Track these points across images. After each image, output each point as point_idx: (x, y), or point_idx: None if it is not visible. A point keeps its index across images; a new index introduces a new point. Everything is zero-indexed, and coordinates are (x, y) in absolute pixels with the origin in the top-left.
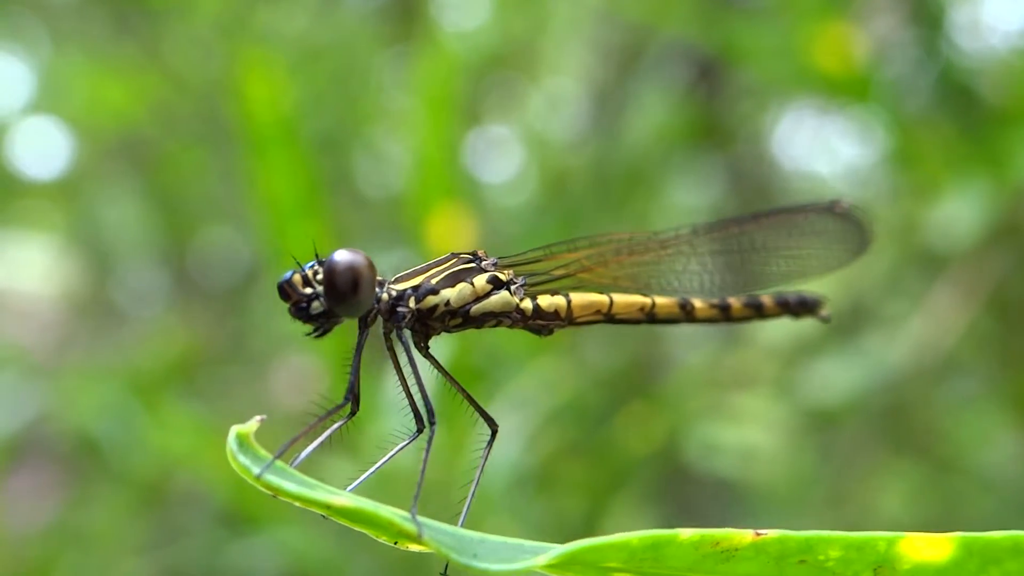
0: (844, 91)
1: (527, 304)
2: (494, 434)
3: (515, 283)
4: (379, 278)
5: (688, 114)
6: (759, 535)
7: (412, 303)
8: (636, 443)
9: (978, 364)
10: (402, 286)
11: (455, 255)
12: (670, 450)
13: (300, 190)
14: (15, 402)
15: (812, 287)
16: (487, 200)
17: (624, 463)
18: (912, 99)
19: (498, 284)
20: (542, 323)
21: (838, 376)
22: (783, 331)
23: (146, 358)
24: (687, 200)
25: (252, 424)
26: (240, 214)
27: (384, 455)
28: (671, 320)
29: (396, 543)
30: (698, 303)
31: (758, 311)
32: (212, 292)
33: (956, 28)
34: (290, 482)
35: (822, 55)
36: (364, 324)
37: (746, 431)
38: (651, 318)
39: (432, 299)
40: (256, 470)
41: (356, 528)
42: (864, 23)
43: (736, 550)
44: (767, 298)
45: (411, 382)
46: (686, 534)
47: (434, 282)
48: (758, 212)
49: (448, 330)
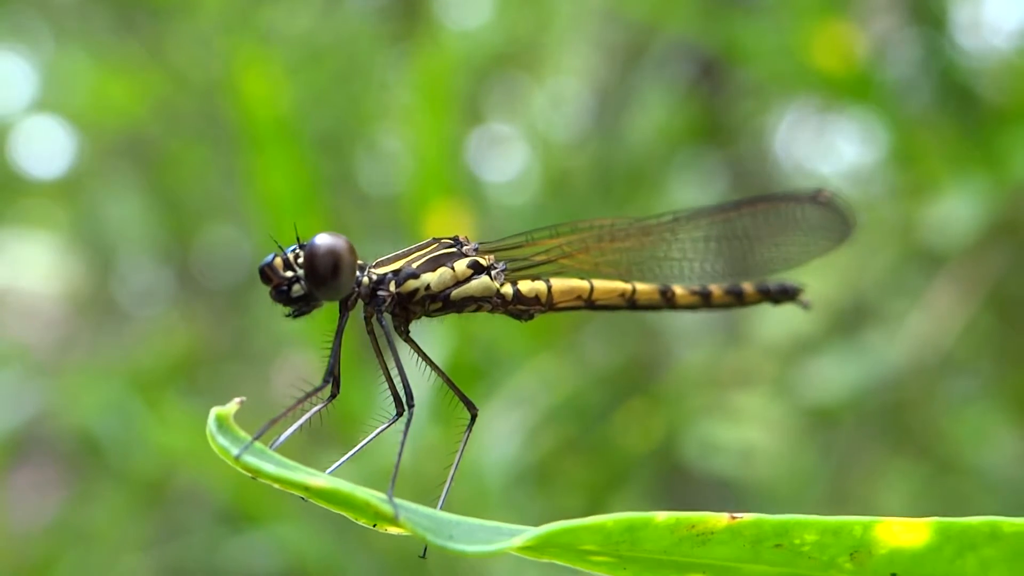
0: (844, 90)
1: (507, 289)
2: (474, 418)
3: (496, 268)
4: (360, 262)
5: (690, 113)
6: (734, 518)
7: (392, 287)
8: (635, 441)
9: (977, 362)
10: (383, 270)
11: (436, 240)
12: (669, 448)
13: (299, 188)
14: (17, 400)
15: (801, 278)
16: (490, 198)
17: (623, 461)
18: (912, 98)
19: (479, 269)
20: (522, 308)
21: (837, 374)
22: (782, 329)
23: (148, 356)
24: (689, 199)
25: (232, 406)
26: (242, 212)
27: (364, 439)
28: (651, 306)
29: (375, 525)
30: (679, 290)
31: (738, 298)
32: (214, 290)
33: (956, 27)
34: (269, 464)
35: (822, 54)
36: (345, 308)
37: (745, 429)
38: (631, 304)
39: (412, 283)
40: (235, 451)
41: (334, 510)
42: (864, 22)
43: (712, 533)
44: (747, 285)
45: (391, 366)
46: (662, 517)
47: (415, 266)
48: (741, 200)
49: (429, 314)
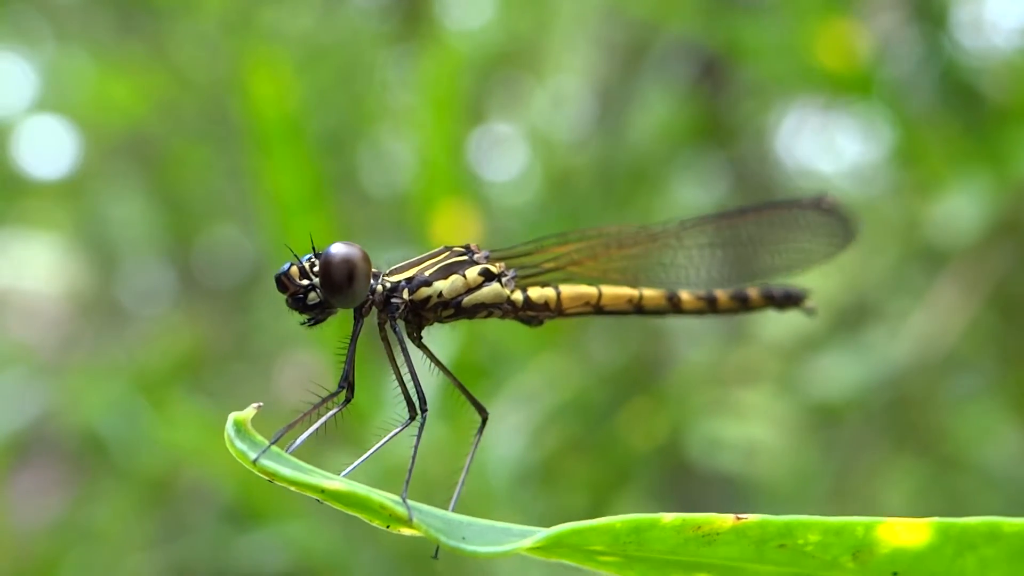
0: (847, 88)
1: (518, 296)
2: (484, 421)
3: (506, 275)
4: (374, 270)
5: (692, 112)
6: (740, 519)
7: (406, 294)
8: (639, 439)
9: (981, 360)
10: (396, 278)
11: (448, 248)
12: (673, 446)
13: (305, 187)
14: (21, 400)
15: (804, 280)
16: (491, 198)
17: (627, 459)
18: (915, 96)
19: (489, 276)
20: (532, 314)
21: (841, 372)
22: (786, 327)
23: (151, 356)
24: (691, 198)
25: (250, 411)
26: (245, 212)
27: (378, 443)
28: (659, 312)
29: (388, 527)
30: (685, 295)
31: (744, 303)
32: (217, 290)
33: (959, 26)
34: (285, 467)
35: (825, 52)
36: (359, 315)
37: (749, 427)
38: (639, 310)
39: (425, 290)
40: (253, 455)
41: (349, 512)
42: (867, 20)
43: (717, 534)
44: (753, 290)
45: (404, 371)
46: (668, 518)
47: (427, 274)
48: (745, 207)
49: (441, 320)
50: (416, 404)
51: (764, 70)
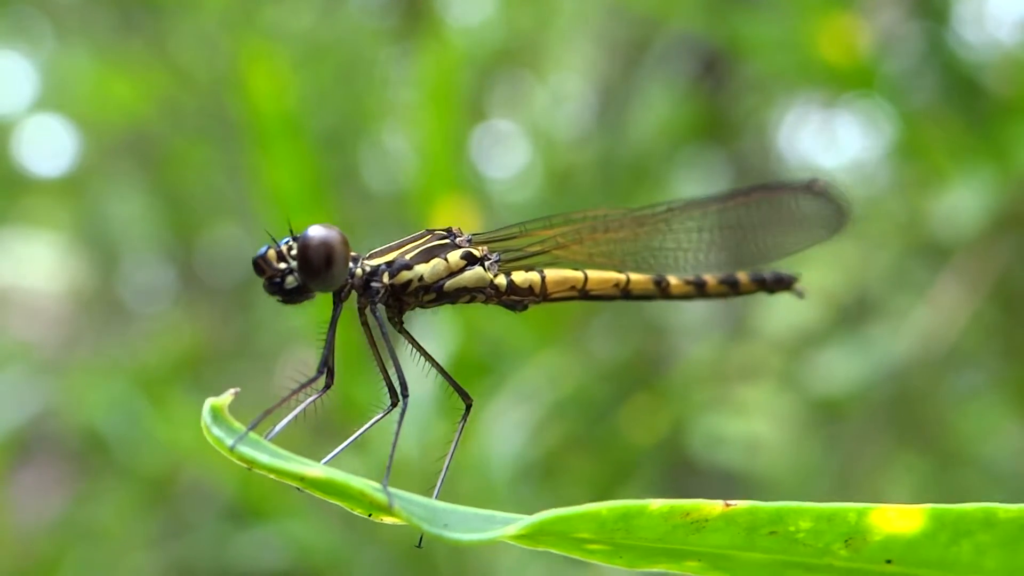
0: (849, 83)
1: (501, 280)
2: (468, 408)
3: (489, 259)
4: (353, 254)
5: (693, 108)
6: (729, 506)
7: (386, 278)
8: (640, 435)
9: (983, 355)
10: (376, 262)
11: (430, 231)
12: (675, 442)
13: (305, 184)
14: (22, 398)
15: (801, 267)
16: (492, 195)
17: (628, 455)
18: (917, 91)
19: (472, 260)
20: (516, 299)
21: (843, 367)
22: (787, 323)
23: (152, 354)
24: (692, 195)
25: (226, 397)
26: (246, 209)
27: (359, 430)
28: (646, 296)
29: (370, 515)
30: (673, 279)
31: (733, 287)
32: (218, 288)
33: (960, 20)
34: (263, 454)
35: (827, 47)
36: (338, 299)
37: (751, 423)
38: (626, 294)
39: (406, 274)
40: (230, 442)
41: (330, 500)
42: (869, 15)
43: (706, 521)
44: (742, 275)
45: (385, 357)
46: (656, 505)
47: (408, 257)
48: (735, 190)
49: (423, 305)
50: (397, 390)
51: (766, 65)
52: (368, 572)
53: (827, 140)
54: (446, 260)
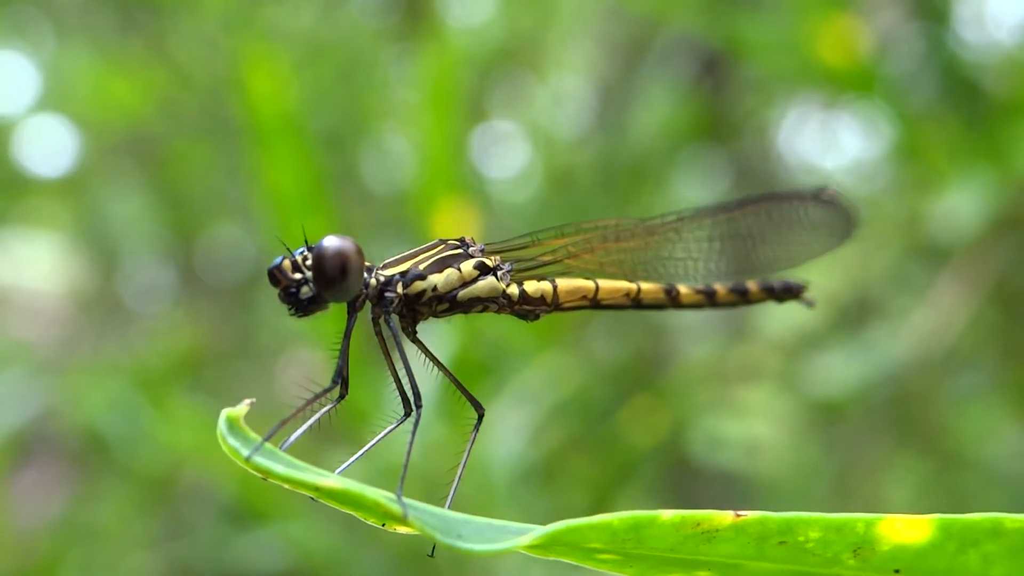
0: (849, 85)
1: (513, 290)
2: (480, 417)
3: (502, 269)
4: (367, 264)
5: (693, 109)
6: (739, 516)
7: (400, 288)
8: (641, 437)
9: (982, 357)
10: (390, 272)
11: (443, 241)
12: (675, 444)
13: (305, 184)
14: (22, 398)
15: (807, 273)
16: (493, 195)
17: (629, 457)
18: (916, 92)
19: (485, 270)
20: (528, 308)
21: (843, 369)
22: (787, 324)
23: (153, 354)
24: (692, 195)
25: (243, 407)
26: (246, 210)
27: (373, 439)
28: (656, 305)
29: (384, 525)
30: (683, 289)
31: (743, 296)
32: (218, 288)
33: (960, 21)
34: (279, 464)
35: (827, 49)
36: (353, 309)
37: (751, 424)
38: (637, 303)
39: (420, 284)
40: (245, 452)
41: (344, 510)
42: (868, 17)
43: (717, 531)
44: (752, 283)
45: (399, 367)
46: (667, 515)
47: (422, 268)
48: (744, 199)
49: (436, 315)
50: (411, 400)
51: (766, 67)
52: (369, 573)
53: (827, 141)
54: (459, 270)
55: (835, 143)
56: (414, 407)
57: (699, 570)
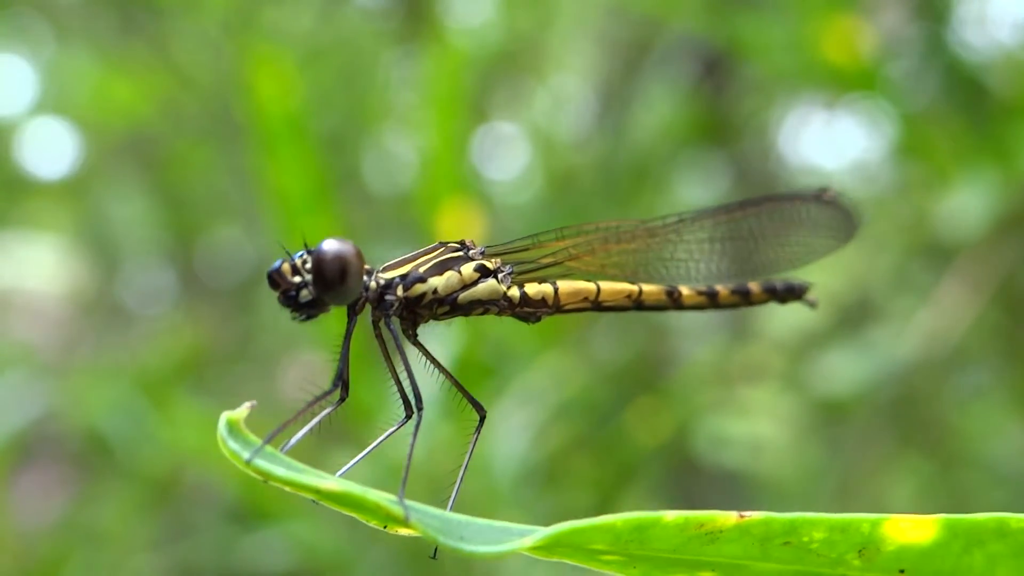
0: (852, 84)
1: (514, 292)
2: (482, 420)
3: (502, 271)
4: (367, 267)
5: (694, 110)
6: (743, 517)
7: (400, 291)
8: (644, 437)
9: (987, 356)
10: (390, 275)
11: (443, 244)
12: (678, 444)
13: (310, 185)
14: (24, 400)
15: (809, 273)
16: (494, 197)
17: (632, 457)
18: (920, 92)
19: (485, 272)
20: (529, 310)
21: (846, 369)
22: (791, 324)
23: (154, 356)
24: (693, 197)
25: (243, 410)
26: (248, 211)
27: (374, 442)
28: (658, 307)
29: (385, 527)
30: (685, 290)
31: (745, 297)
32: (219, 290)
33: (964, 21)
34: (280, 467)
35: (831, 48)
36: (353, 312)
37: (755, 424)
38: (638, 305)
39: (420, 287)
40: (246, 455)
41: (345, 512)
42: (872, 17)
43: (720, 532)
44: (754, 284)
45: (400, 369)
46: (670, 516)
47: (422, 270)
48: (746, 200)
49: (436, 318)
50: (412, 402)
51: (769, 67)
52: (371, 574)
53: (829, 142)
54: (459, 273)
55: (837, 144)
56: (415, 409)
57: (703, 571)
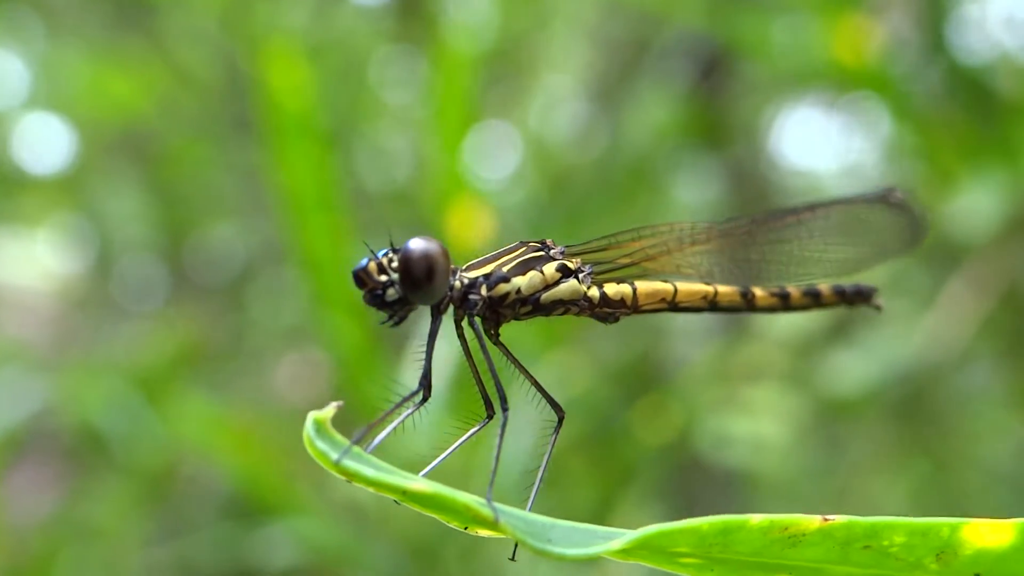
0: (859, 84)
1: (594, 292)
2: (560, 420)
3: (583, 271)
4: (452, 266)
5: (690, 112)
6: (827, 520)
7: (484, 291)
8: (647, 436)
9: (994, 359)
10: (474, 274)
11: (524, 243)
12: (681, 443)
13: (322, 182)
14: (18, 396)
15: (855, 276)
16: (488, 196)
17: (635, 456)
18: (926, 93)
19: (567, 272)
20: (608, 311)
21: (851, 369)
22: (794, 323)
23: (147, 352)
24: (689, 198)
25: (329, 410)
26: (242, 208)
27: (456, 442)
28: (733, 308)
29: (466, 528)
30: (759, 291)
31: (816, 299)
32: (212, 286)
33: (970, 22)
34: (368, 468)
35: (838, 48)
36: (437, 312)
37: (758, 423)
38: (713, 306)
39: (503, 287)
40: (334, 455)
41: (429, 513)
42: (879, 16)
43: (803, 535)
44: (824, 287)
45: (482, 369)
46: (756, 519)
47: (505, 270)
48: (814, 203)
49: (518, 317)
50: (496, 403)
51: (772, 66)
52: (376, 569)
53: (825, 143)
54: (542, 272)
55: (833, 145)
56: (500, 409)
57: (781, 574)
